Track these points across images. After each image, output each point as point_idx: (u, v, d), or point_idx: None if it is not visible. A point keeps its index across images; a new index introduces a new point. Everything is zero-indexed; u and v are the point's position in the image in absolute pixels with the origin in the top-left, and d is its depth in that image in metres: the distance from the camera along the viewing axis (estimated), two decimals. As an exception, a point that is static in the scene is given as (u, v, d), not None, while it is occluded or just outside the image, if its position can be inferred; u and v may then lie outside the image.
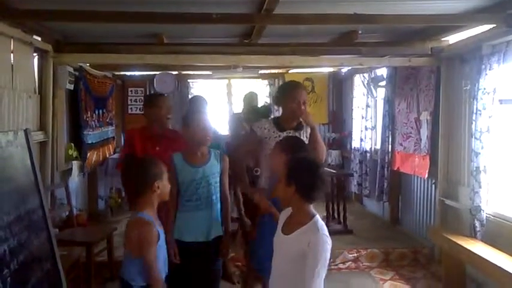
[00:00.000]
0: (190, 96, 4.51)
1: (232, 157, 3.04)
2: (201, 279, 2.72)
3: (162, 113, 3.30)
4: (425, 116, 4.76)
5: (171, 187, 2.75)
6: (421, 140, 4.83)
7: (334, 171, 5.74)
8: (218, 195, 2.78)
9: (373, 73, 6.05)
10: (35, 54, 4.05)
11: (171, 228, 2.70)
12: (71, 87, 4.73)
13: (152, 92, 6.88)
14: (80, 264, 3.77)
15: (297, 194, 1.94)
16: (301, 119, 3.00)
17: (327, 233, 1.92)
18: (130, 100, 7.27)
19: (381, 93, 5.99)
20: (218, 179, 2.78)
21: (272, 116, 4.29)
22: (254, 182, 3.15)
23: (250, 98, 5.18)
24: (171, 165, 2.75)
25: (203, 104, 4.21)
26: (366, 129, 6.28)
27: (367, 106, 6.26)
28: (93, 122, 5.48)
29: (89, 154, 5.21)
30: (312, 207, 1.99)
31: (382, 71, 5.84)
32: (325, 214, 5.39)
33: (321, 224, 1.94)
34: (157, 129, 3.34)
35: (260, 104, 5.52)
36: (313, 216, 1.96)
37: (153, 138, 3.28)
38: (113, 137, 6.44)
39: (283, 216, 2.11)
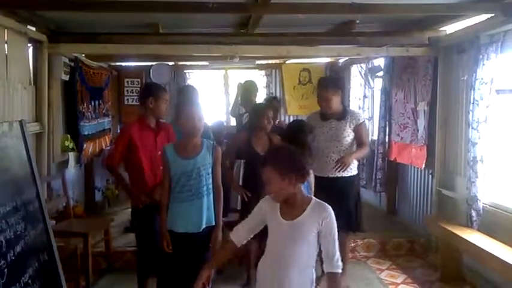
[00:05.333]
0: (180, 86, 4.43)
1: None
2: (191, 270, 2.74)
3: (164, 107, 3.23)
4: (422, 107, 4.75)
5: (164, 179, 2.78)
6: (418, 130, 4.83)
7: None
8: (210, 186, 2.80)
9: (370, 63, 6.03)
10: (29, 44, 4.00)
11: (164, 218, 2.78)
12: (67, 78, 4.69)
13: (150, 82, 6.77)
14: (77, 255, 3.77)
15: (295, 181, 1.99)
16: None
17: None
18: (127, 91, 7.22)
19: (378, 83, 5.98)
20: (210, 170, 2.80)
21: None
22: None
23: (249, 88, 5.12)
24: (164, 157, 2.79)
25: (194, 94, 4.11)
26: (363, 119, 6.27)
27: (364, 97, 6.25)
28: (89, 113, 5.44)
29: (85, 145, 5.19)
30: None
31: (380, 62, 5.82)
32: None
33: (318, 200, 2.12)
34: (154, 122, 3.28)
35: (261, 97, 5.46)
36: (310, 197, 2.10)
37: (151, 129, 3.25)
38: (109, 128, 6.41)
39: (269, 203, 2.10)
